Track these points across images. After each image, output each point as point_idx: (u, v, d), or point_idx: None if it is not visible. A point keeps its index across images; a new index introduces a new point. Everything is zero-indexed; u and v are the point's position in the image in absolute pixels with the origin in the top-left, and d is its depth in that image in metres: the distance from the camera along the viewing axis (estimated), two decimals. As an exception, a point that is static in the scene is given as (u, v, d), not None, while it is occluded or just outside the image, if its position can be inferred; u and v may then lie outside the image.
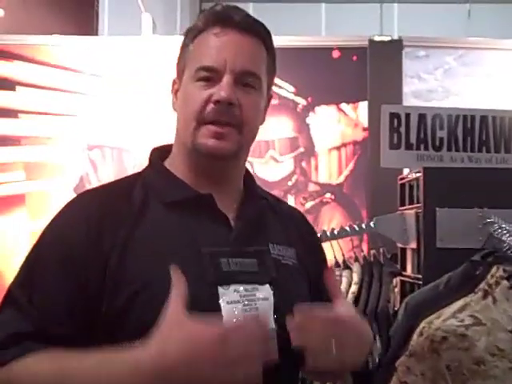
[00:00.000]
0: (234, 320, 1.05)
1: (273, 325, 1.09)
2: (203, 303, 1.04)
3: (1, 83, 3.38)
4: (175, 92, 1.22)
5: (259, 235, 1.18)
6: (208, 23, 1.17)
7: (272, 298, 1.11)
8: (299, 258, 1.22)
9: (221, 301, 1.06)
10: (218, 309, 1.05)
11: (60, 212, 1.14)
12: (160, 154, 1.23)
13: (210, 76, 1.13)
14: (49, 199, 3.30)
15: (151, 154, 1.23)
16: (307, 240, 1.29)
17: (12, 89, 3.38)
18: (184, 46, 1.20)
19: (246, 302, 1.08)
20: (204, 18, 1.18)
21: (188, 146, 1.15)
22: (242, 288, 1.09)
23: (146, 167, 1.22)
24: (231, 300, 1.07)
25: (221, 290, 1.07)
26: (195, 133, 1.13)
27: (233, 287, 1.08)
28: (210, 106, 1.12)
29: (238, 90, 1.13)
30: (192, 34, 1.18)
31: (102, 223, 1.08)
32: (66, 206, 1.15)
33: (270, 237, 1.19)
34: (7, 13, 4.61)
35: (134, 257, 1.06)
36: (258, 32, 1.18)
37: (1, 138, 3.37)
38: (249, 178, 1.26)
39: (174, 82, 1.23)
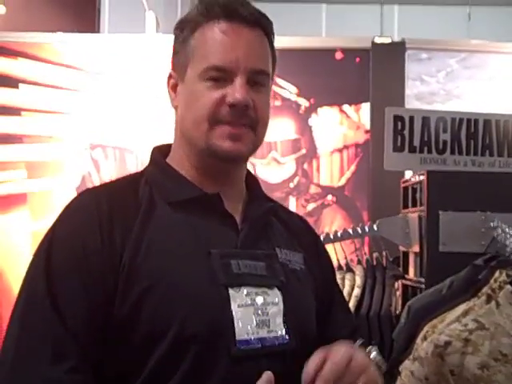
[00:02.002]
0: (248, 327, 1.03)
1: (282, 331, 1.07)
2: (214, 305, 1.02)
3: (3, 81, 3.36)
4: (172, 87, 1.16)
5: (266, 238, 1.15)
6: (211, 15, 1.10)
7: (281, 303, 1.08)
8: (307, 263, 1.20)
9: (232, 304, 1.03)
10: (228, 312, 1.03)
11: (68, 212, 1.09)
12: (161, 152, 1.19)
13: (221, 76, 1.08)
14: (51, 198, 3.28)
15: (152, 153, 1.20)
16: (313, 246, 1.26)
17: (15, 86, 3.36)
18: (183, 39, 1.13)
19: (257, 306, 1.05)
20: (205, 10, 1.11)
21: (201, 147, 1.11)
22: (252, 291, 1.06)
23: (148, 165, 1.18)
24: (242, 303, 1.04)
25: (232, 292, 1.04)
26: (208, 134, 1.09)
27: (244, 290, 1.05)
28: (225, 109, 1.08)
29: (250, 90, 1.09)
30: (191, 26, 1.12)
31: (113, 222, 1.05)
32: (72, 206, 1.10)
33: (277, 241, 1.17)
34: (9, 10, 4.60)
35: (145, 257, 1.03)
36: (263, 24, 1.13)
37: (3, 135, 3.35)
38: (252, 179, 1.23)
39: (171, 77, 1.16)
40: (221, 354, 1.01)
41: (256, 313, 1.05)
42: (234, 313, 1.03)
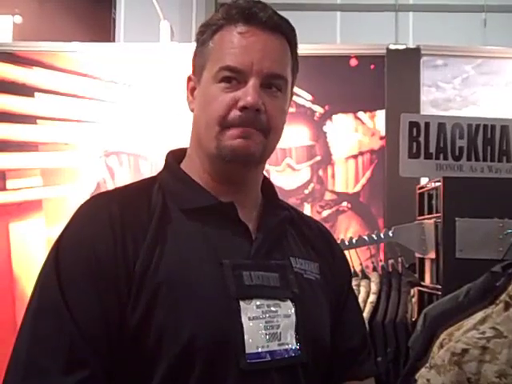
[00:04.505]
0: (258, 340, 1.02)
1: (294, 344, 1.05)
2: (223, 318, 1.01)
3: (20, 89, 3.39)
4: (191, 90, 1.14)
5: (280, 248, 1.13)
6: (230, 19, 1.09)
7: (294, 315, 1.07)
8: (323, 272, 1.18)
9: (242, 316, 1.02)
10: (238, 325, 1.01)
11: (78, 218, 1.07)
12: (176, 157, 1.17)
13: (234, 77, 1.06)
14: (66, 205, 3.31)
15: (167, 157, 1.18)
16: (328, 252, 1.24)
17: (31, 95, 3.39)
18: (203, 42, 1.11)
19: (268, 319, 1.04)
20: (225, 13, 1.10)
21: (211, 151, 1.09)
22: (264, 303, 1.04)
23: (162, 170, 1.17)
24: (253, 316, 1.02)
25: (242, 304, 1.02)
26: (219, 137, 1.07)
27: (254, 302, 1.03)
28: (236, 113, 1.06)
29: (264, 94, 1.07)
30: (211, 30, 1.11)
31: (125, 228, 1.03)
32: (82, 212, 1.07)
33: (292, 250, 1.15)
34: (25, 20, 4.65)
35: (156, 266, 1.01)
36: (284, 30, 1.11)
37: (19, 143, 3.38)
38: (269, 186, 1.21)
39: (190, 79, 1.15)
40: (230, 367, 1.00)
41: (267, 325, 1.03)
42: (244, 326, 1.01)
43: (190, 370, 0.98)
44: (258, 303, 1.04)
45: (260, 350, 1.02)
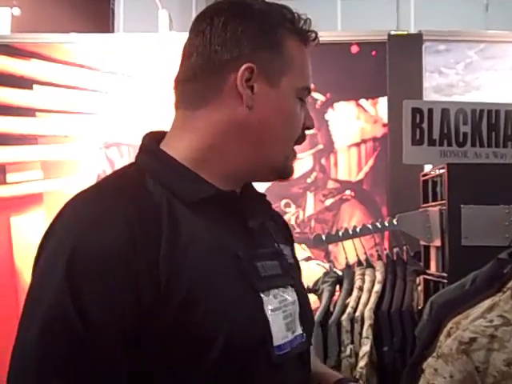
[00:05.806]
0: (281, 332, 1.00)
1: (300, 330, 1.05)
2: (252, 314, 0.98)
3: (18, 82, 3.38)
4: (247, 81, 1.02)
5: (268, 235, 1.12)
6: (304, 35, 1.08)
7: (297, 301, 1.06)
8: (294, 254, 1.19)
9: (266, 309, 0.99)
10: (263, 317, 0.98)
11: (89, 222, 0.94)
12: (155, 139, 1.09)
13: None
14: (66, 198, 3.27)
15: (149, 142, 1.08)
16: (290, 235, 1.23)
17: (29, 87, 3.37)
18: (274, 42, 1.04)
19: (284, 308, 1.02)
20: (300, 23, 1.07)
21: (275, 163, 1.06)
22: (278, 293, 1.03)
23: (143, 156, 1.06)
24: (274, 307, 1.00)
25: (263, 296, 1.00)
26: (288, 155, 1.08)
27: (272, 293, 1.02)
28: (303, 132, 1.09)
29: None
30: (282, 31, 1.05)
31: (144, 234, 0.93)
32: (94, 215, 0.94)
33: (274, 236, 1.14)
34: (24, 11, 4.62)
35: (180, 268, 0.93)
36: None
37: (18, 136, 3.37)
38: None
39: (251, 70, 1.02)
40: (263, 362, 0.97)
41: (284, 315, 1.02)
42: (269, 318, 0.99)
43: (228, 372, 0.95)
44: (274, 293, 1.02)
45: (284, 340, 1.00)
